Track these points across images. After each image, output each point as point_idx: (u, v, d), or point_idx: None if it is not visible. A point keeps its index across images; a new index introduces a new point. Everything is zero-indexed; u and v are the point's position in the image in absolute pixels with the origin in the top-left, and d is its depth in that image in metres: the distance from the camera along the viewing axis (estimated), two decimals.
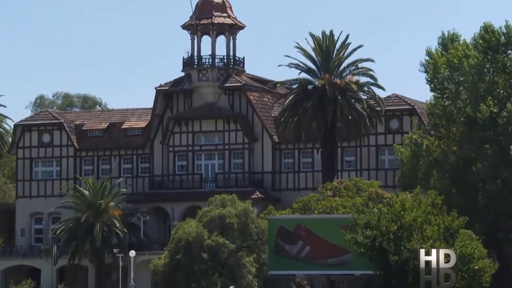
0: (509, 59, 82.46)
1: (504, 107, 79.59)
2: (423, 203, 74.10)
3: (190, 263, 75.04)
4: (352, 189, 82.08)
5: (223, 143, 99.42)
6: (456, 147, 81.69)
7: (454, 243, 72.13)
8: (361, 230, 72.96)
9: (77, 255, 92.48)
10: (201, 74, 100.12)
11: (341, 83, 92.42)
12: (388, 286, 71.78)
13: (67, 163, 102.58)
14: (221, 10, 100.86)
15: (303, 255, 77.04)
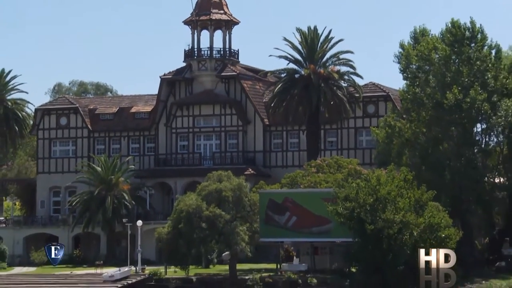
0: (473, 51, 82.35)
1: (468, 94, 79.53)
2: (396, 178, 74.68)
3: (190, 231, 74.97)
4: (333, 166, 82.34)
5: (220, 125, 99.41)
6: (425, 129, 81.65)
7: (423, 214, 72.90)
8: (342, 202, 73.48)
9: (90, 224, 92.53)
10: (200, 64, 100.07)
11: (324, 72, 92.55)
12: (365, 252, 72.37)
13: (82, 143, 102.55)
14: (218, 7, 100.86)
15: (290, 224, 77.56)
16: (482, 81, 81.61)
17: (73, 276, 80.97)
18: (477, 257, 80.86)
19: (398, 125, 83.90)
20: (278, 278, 74.92)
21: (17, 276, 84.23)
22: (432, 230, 72.07)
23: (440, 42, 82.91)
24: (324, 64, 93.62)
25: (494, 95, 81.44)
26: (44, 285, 77.59)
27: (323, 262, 78.24)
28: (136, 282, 76.85)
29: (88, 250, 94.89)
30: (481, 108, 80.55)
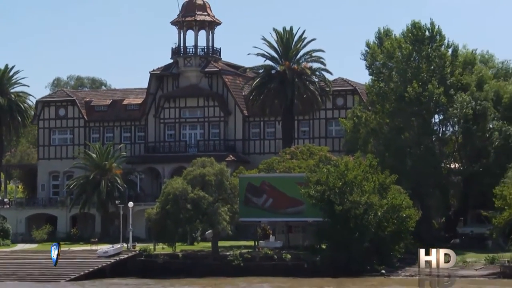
0: (432, 50, 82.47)
1: (426, 88, 79.70)
2: (362, 164, 75.16)
3: (177, 212, 75.04)
4: (306, 153, 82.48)
5: (204, 116, 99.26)
6: (389, 119, 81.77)
7: (386, 196, 73.38)
8: (313, 185, 73.87)
9: (86, 205, 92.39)
10: (186, 61, 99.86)
11: (298, 68, 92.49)
12: (334, 230, 72.78)
13: (78, 132, 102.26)
14: (202, 9, 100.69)
15: (267, 205, 77.73)
16: (440, 76, 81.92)
17: (71, 252, 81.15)
18: (434, 235, 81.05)
19: (364, 116, 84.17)
20: (256, 254, 75.07)
21: (20, 252, 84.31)
22: (394, 211, 72.66)
23: (403, 41, 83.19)
24: (297, 61, 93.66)
25: (451, 89, 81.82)
26: (44, 260, 77.77)
27: (296, 240, 78.42)
28: (127, 258, 77.04)
29: (84, 229, 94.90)
30: (438, 101, 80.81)
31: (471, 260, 72.24)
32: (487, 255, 72.43)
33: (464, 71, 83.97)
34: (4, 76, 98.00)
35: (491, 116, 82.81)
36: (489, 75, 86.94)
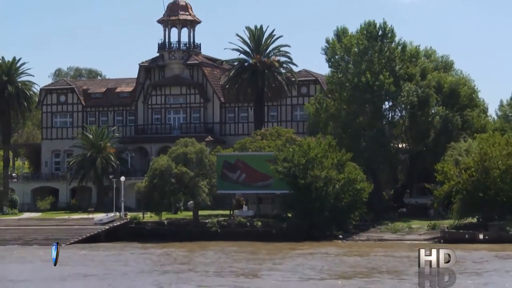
0: (384, 46, 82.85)
1: (378, 78, 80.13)
2: (323, 144, 75.32)
3: (162, 185, 75.03)
4: (274, 134, 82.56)
5: (186, 102, 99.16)
6: (346, 105, 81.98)
7: (343, 171, 73.66)
8: (281, 162, 74.04)
9: (84, 179, 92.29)
10: (170, 54, 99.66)
11: (267, 61, 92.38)
12: (298, 201, 73.00)
13: (77, 116, 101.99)
14: (184, 10, 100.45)
15: (240, 180, 77.87)
16: (390, 68, 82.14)
17: (70, 220, 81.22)
18: (384, 205, 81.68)
19: (325, 102, 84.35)
20: (231, 222, 75.24)
21: (26, 219, 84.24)
22: (350, 184, 72.94)
23: (359, 37, 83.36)
24: (267, 55, 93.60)
25: (399, 79, 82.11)
26: (47, 227, 77.88)
27: (266, 209, 78.59)
28: (120, 225, 76.98)
29: (82, 200, 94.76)
30: (388, 90, 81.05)
31: (416, 226, 73.00)
32: (429, 222, 73.12)
33: (410, 64, 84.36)
34: (12, 67, 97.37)
35: (433, 102, 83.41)
36: (431, 67, 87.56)
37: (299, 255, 58.19)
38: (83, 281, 46.74)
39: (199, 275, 46.43)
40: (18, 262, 58.26)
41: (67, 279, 46.26)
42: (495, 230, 67.97)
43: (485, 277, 44.30)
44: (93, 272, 49.98)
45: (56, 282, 45.25)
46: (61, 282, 45.40)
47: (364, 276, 45.99)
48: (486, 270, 47.64)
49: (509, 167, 70.36)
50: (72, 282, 46.00)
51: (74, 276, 47.62)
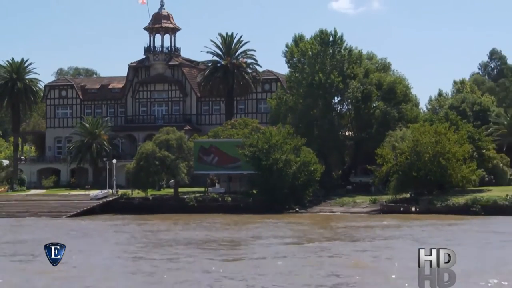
0: (334, 50, 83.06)
1: (329, 77, 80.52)
2: (282, 132, 75.65)
3: (148, 166, 74.97)
4: (242, 124, 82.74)
5: (168, 97, 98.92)
6: (302, 100, 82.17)
7: (299, 155, 74.03)
8: (248, 148, 74.31)
9: (82, 161, 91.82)
10: (155, 56, 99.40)
11: (236, 63, 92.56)
12: (262, 179, 73.20)
13: (76, 108, 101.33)
14: (166, 19, 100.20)
15: (214, 162, 78.00)
16: (339, 69, 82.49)
17: (70, 196, 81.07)
18: (334, 183, 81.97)
19: (284, 97, 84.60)
20: (205, 197, 75.51)
21: (33, 195, 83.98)
22: (305, 165, 73.27)
23: (313, 43, 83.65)
24: (236, 57, 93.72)
25: (346, 78, 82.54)
26: (51, 201, 77.72)
27: (235, 187, 78.86)
28: (112, 200, 77.06)
29: (80, 179, 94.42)
30: (337, 87, 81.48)
31: (360, 201, 73.49)
32: (371, 197, 73.62)
33: (355, 65, 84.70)
34: (20, 67, 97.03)
35: (374, 98, 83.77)
36: (373, 68, 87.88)
37: (267, 224, 58.39)
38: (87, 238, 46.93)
39: (186, 243, 46.36)
40: (29, 229, 58.09)
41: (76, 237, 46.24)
42: (424, 204, 68.72)
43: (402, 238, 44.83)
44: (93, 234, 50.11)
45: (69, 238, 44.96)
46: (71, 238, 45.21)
47: (326, 240, 46.28)
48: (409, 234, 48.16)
49: (436, 152, 71.09)
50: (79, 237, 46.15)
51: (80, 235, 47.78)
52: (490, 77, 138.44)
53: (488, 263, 35.00)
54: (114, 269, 34.83)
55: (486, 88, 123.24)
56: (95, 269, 34.39)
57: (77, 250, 39.92)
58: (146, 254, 39.95)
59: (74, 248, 39.28)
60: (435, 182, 71.25)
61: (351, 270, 32.83)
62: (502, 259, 36.11)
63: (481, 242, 44.31)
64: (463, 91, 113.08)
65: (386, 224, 56.98)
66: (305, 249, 41.40)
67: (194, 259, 37.12)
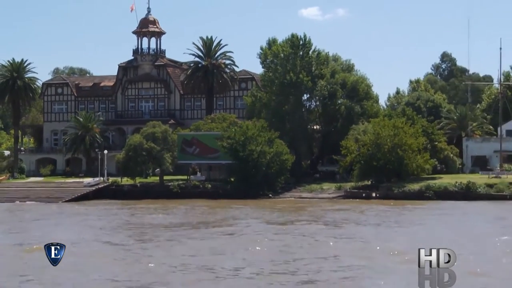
0: (303, 52, 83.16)
1: (298, 77, 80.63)
2: (257, 126, 75.72)
3: (136, 156, 74.81)
4: (221, 119, 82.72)
5: (154, 94, 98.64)
6: (275, 97, 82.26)
7: (272, 146, 74.07)
8: (226, 140, 74.30)
9: (76, 152, 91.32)
10: (142, 57, 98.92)
11: (216, 63, 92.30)
12: (238, 168, 73.32)
13: (71, 104, 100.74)
14: (153, 24, 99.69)
15: (195, 153, 77.95)
16: (308, 69, 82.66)
17: (66, 183, 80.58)
18: (303, 171, 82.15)
19: (259, 95, 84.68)
20: (188, 184, 75.39)
21: (32, 182, 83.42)
22: (277, 156, 73.41)
23: (285, 46, 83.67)
24: (216, 58, 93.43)
25: (315, 78, 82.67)
26: (48, 188, 77.24)
27: (215, 175, 78.81)
28: (103, 187, 76.73)
29: (74, 167, 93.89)
30: (306, 85, 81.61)
31: (326, 187, 73.64)
32: (336, 184, 73.83)
33: (323, 66, 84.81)
34: (20, 66, 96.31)
35: (339, 95, 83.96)
36: (338, 69, 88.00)
37: (244, 208, 58.35)
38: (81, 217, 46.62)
39: (175, 225, 46.22)
40: (30, 212, 57.63)
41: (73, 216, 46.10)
42: (384, 190, 69.02)
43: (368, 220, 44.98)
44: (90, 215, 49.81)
45: (67, 217, 44.92)
46: (68, 217, 45.17)
47: (302, 221, 46.24)
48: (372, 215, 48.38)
49: (394, 144, 71.46)
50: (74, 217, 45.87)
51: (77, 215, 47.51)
52: (441, 77, 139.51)
53: (430, 240, 35.03)
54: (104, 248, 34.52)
55: (438, 87, 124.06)
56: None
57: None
58: (126, 235, 39.67)
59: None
60: (393, 170, 71.55)
61: (316, 246, 32.79)
62: (443, 238, 36.09)
63: (433, 222, 44.60)
64: (418, 89, 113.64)
65: (349, 207, 57.11)
66: (277, 229, 41.32)
67: (175, 238, 36.92)
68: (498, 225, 43.98)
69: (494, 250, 32.58)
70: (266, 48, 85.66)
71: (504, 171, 76.14)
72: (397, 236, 37.90)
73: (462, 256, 29.68)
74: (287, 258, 29.41)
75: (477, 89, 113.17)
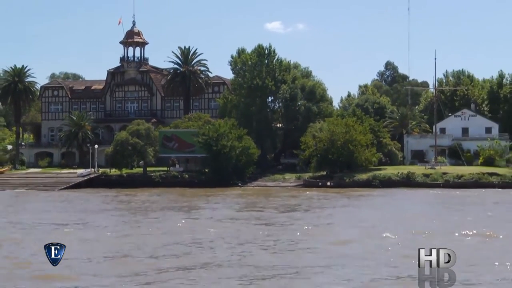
0: (268, 61, 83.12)
1: (264, 82, 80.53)
2: (228, 124, 75.35)
3: (122, 151, 74.14)
4: (197, 118, 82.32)
5: (138, 96, 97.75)
6: (243, 99, 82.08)
7: (241, 141, 73.80)
8: (201, 136, 73.81)
9: (70, 146, 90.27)
10: (128, 64, 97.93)
11: (192, 70, 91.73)
12: (212, 161, 72.85)
13: (65, 105, 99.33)
14: (137, 35, 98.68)
15: (174, 147, 77.43)
16: (272, 75, 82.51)
17: (61, 173, 79.50)
18: (268, 163, 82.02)
19: (230, 97, 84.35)
20: (168, 174, 74.79)
21: (31, 173, 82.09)
22: (245, 150, 73.15)
23: (252, 55, 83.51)
24: (192, 65, 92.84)
25: (278, 83, 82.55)
26: (46, 178, 76.15)
27: (191, 166, 78.27)
28: (94, 177, 75.78)
29: (69, 160, 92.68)
30: (271, 89, 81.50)
31: (288, 177, 73.61)
32: (296, 175, 73.87)
33: (285, 73, 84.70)
34: (21, 72, 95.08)
35: (299, 98, 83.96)
36: (298, 75, 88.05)
37: (219, 195, 58.01)
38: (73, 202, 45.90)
39: (160, 208, 45.67)
40: (30, 199, 56.67)
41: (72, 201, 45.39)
42: (337, 180, 69.17)
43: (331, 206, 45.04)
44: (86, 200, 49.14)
45: (66, 202, 44.25)
46: (67, 202, 44.45)
47: (271, 208, 45.99)
48: (333, 202, 48.44)
49: (346, 139, 71.65)
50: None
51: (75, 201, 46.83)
52: (386, 83, 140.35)
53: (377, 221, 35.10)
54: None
55: (383, 91, 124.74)
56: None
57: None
58: (115, 214, 39.14)
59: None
60: (345, 163, 71.80)
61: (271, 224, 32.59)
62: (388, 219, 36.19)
63: (367, 205, 44.85)
64: (366, 93, 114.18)
65: (309, 194, 57.14)
66: (244, 213, 41.06)
67: (158, 219, 36.46)
68: (428, 207, 44.70)
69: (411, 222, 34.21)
70: (236, 56, 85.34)
71: (438, 163, 76.82)
72: (335, 217, 37.81)
73: (382, 226, 31.80)
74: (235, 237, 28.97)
75: (416, 93, 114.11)
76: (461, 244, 26.08)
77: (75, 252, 24.44)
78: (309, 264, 22.61)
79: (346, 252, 24.90)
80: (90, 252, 25.37)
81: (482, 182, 65.73)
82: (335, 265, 22.39)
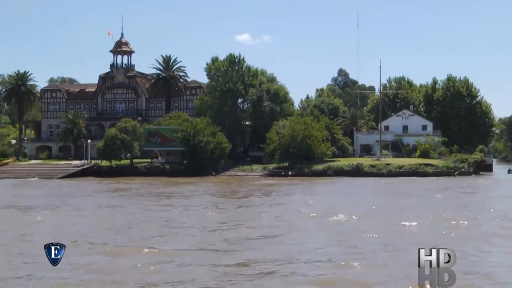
0: (239, 68, 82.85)
1: (235, 86, 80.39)
2: (204, 122, 75.02)
3: (112, 145, 73.45)
4: (177, 117, 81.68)
5: (126, 98, 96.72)
6: (217, 101, 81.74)
7: (216, 137, 73.51)
8: (181, 132, 73.41)
9: (67, 141, 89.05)
10: (117, 70, 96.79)
11: (173, 75, 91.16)
12: (190, 153, 72.56)
13: (62, 105, 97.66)
14: (125, 45, 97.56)
15: (157, 142, 76.82)
16: (242, 80, 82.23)
17: (59, 164, 78.36)
18: (238, 156, 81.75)
19: (205, 99, 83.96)
20: (151, 165, 74.21)
21: (33, 164, 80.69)
22: (219, 144, 72.91)
23: (224, 62, 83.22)
24: (173, 71, 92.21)
25: (247, 87, 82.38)
26: (45, 168, 75.07)
27: (172, 159, 77.66)
28: (87, 167, 74.92)
29: (66, 153, 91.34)
30: (241, 92, 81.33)
31: (255, 168, 73.59)
32: (262, 165, 73.92)
33: (253, 78, 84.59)
34: (24, 76, 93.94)
35: (265, 99, 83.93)
36: (264, 80, 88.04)
37: (197, 183, 57.76)
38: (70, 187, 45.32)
39: (147, 194, 45.22)
40: (33, 186, 55.82)
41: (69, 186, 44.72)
42: (297, 170, 69.54)
43: (293, 193, 45.21)
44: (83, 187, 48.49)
45: (65, 188, 43.61)
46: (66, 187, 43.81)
47: (241, 194, 45.93)
48: (297, 190, 48.57)
49: (305, 135, 72.04)
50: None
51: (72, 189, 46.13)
52: (339, 87, 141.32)
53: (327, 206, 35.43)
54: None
55: (336, 94, 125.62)
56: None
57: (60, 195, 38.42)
58: (106, 198, 38.78)
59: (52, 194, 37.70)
60: (304, 155, 72.18)
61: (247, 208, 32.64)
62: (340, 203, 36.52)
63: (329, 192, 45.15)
64: (322, 95, 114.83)
65: (273, 182, 57.31)
66: (221, 199, 41.04)
67: (140, 204, 36.22)
68: (370, 192, 45.26)
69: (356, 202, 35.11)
70: (211, 64, 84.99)
71: (382, 155, 77.74)
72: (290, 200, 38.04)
73: (336, 205, 33.34)
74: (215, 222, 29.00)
75: (364, 96, 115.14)
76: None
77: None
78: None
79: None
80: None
81: (419, 171, 66.91)
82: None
